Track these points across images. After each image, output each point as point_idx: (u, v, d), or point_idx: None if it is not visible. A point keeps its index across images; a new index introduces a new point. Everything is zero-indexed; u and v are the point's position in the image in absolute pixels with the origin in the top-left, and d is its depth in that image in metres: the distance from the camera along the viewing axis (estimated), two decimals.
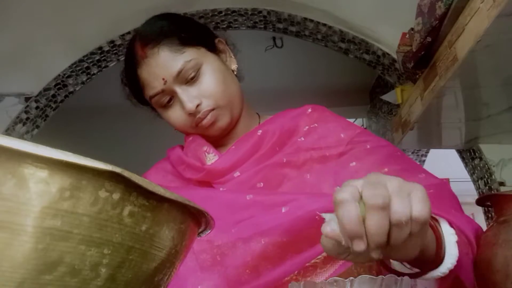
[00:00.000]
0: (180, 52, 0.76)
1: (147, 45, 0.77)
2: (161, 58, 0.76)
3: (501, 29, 0.77)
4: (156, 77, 0.76)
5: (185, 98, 0.76)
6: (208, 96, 0.76)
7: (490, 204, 0.64)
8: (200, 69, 0.77)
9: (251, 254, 0.65)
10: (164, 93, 0.77)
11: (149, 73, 0.77)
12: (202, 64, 0.77)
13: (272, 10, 1.87)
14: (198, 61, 0.77)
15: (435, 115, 1.26)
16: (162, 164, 0.87)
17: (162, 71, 0.76)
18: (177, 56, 0.76)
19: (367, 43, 1.85)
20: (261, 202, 0.70)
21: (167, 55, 0.76)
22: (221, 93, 0.77)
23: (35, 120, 1.83)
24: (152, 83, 0.77)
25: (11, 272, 0.25)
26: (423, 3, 1.07)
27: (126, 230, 0.28)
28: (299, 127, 0.81)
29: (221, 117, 0.78)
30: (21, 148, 0.24)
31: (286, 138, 0.79)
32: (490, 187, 1.52)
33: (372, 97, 3.15)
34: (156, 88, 0.77)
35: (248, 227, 0.67)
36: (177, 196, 0.31)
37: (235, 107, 0.80)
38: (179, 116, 0.78)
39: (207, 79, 0.77)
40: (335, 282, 0.47)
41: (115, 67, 1.91)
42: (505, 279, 0.53)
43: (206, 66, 0.78)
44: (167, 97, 0.78)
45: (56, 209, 0.25)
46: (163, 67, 0.76)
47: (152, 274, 0.31)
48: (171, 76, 0.75)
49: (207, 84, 0.77)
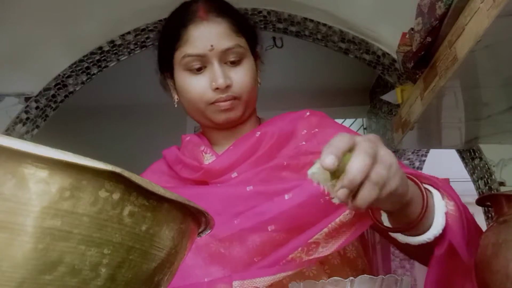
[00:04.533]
0: (236, 34, 0.79)
1: (211, 11, 0.79)
2: (219, 28, 0.77)
3: (501, 29, 0.77)
4: (206, 41, 0.77)
5: (220, 73, 0.76)
6: (239, 84, 0.78)
7: (490, 204, 0.64)
8: (242, 59, 0.79)
9: (258, 243, 0.67)
10: (202, 58, 0.77)
11: (201, 34, 0.77)
12: (245, 57, 0.80)
13: (272, 10, 1.87)
14: (245, 52, 0.80)
15: (435, 115, 1.26)
16: (158, 165, 0.87)
17: (214, 39, 0.77)
18: (233, 36, 0.78)
19: (367, 43, 1.85)
20: (262, 192, 0.71)
21: (226, 29, 0.78)
22: (248, 89, 0.79)
23: (35, 120, 1.83)
24: (198, 43, 0.77)
25: (11, 272, 0.25)
26: (423, 3, 1.07)
27: (126, 230, 0.28)
28: (297, 131, 0.81)
29: (236, 109, 0.79)
30: (21, 148, 0.24)
31: (284, 141, 0.80)
32: (490, 187, 1.52)
33: (372, 97, 3.15)
34: (199, 50, 0.77)
35: (251, 217, 0.69)
36: (177, 196, 0.31)
37: (250, 108, 0.82)
38: (202, 86, 0.78)
39: (244, 71, 0.79)
40: (335, 282, 0.47)
41: (115, 67, 1.92)
42: (505, 279, 0.53)
43: (247, 60, 0.81)
44: (199, 64, 0.78)
45: (56, 209, 0.25)
46: (217, 36, 0.77)
47: (152, 274, 0.31)
48: (220, 48, 0.77)
49: (242, 74, 0.79)
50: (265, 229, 0.67)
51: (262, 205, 0.69)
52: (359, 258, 0.76)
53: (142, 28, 1.83)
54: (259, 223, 0.68)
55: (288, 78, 3.06)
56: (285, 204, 0.68)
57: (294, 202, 0.67)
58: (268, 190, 0.71)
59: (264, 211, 0.69)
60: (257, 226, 0.68)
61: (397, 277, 0.49)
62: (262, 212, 0.69)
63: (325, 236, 0.64)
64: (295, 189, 0.69)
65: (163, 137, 2.67)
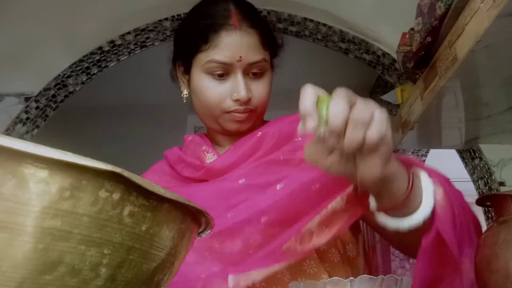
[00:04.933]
0: (264, 49, 0.81)
1: (244, 19, 0.79)
2: (250, 40, 0.78)
3: (501, 29, 0.77)
4: (236, 51, 0.77)
5: (243, 85, 0.77)
6: (258, 98, 0.80)
7: (490, 204, 0.64)
8: (264, 73, 0.81)
9: (252, 235, 0.67)
10: (227, 67, 0.78)
11: (233, 43, 0.77)
12: (267, 71, 0.82)
13: (272, 10, 1.87)
14: (267, 66, 0.82)
15: (435, 115, 1.26)
16: (159, 166, 0.87)
17: (244, 51, 0.77)
18: (261, 49, 0.80)
19: (367, 43, 1.85)
20: (254, 184, 0.72)
21: (256, 42, 0.79)
22: (264, 103, 0.82)
23: (35, 120, 1.82)
24: (228, 52, 0.77)
25: (11, 272, 0.25)
26: (423, 3, 1.07)
27: (126, 230, 0.28)
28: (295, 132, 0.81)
29: (249, 121, 0.81)
30: (21, 148, 0.24)
31: (284, 141, 0.80)
32: (490, 187, 1.52)
33: (372, 97, 3.15)
34: (227, 58, 0.77)
35: (245, 210, 0.69)
36: (177, 196, 0.31)
37: (260, 119, 0.85)
38: (222, 93, 0.78)
39: (264, 85, 0.81)
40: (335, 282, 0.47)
41: (115, 67, 1.92)
42: (505, 279, 0.53)
43: (268, 74, 0.83)
44: (222, 71, 0.78)
45: (56, 209, 0.25)
46: (247, 49, 0.78)
47: (152, 274, 0.31)
48: (248, 60, 0.78)
49: (262, 89, 0.81)
50: (258, 221, 0.67)
51: (255, 197, 0.70)
52: (359, 257, 0.76)
53: (142, 28, 1.83)
54: (251, 215, 0.68)
55: (288, 78, 3.05)
56: (277, 194, 0.68)
57: (286, 192, 0.68)
58: (260, 182, 0.72)
59: (256, 202, 0.69)
60: (250, 218, 0.68)
61: (397, 277, 0.49)
62: (255, 204, 0.69)
63: (317, 225, 0.64)
64: (286, 178, 0.69)
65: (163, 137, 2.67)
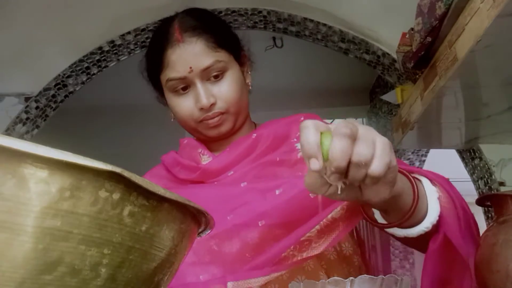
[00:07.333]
0: (214, 50, 0.79)
1: (186, 31, 0.80)
2: (196, 48, 0.78)
3: (501, 29, 0.77)
4: (184, 64, 0.78)
5: (203, 93, 0.78)
6: (224, 99, 0.79)
7: (490, 204, 0.64)
8: (224, 72, 0.80)
9: (250, 238, 0.68)
10: (184, 80, 0.79)
11: (179, 58, 0.78)
12: (228, 69, 0.81)
13: (272, 10, 1.87)
14: (226, 65, 0.80)
15: (435, 115, 1.26)
16: (156, 170, 0.89)
17: (192, 60, 0.78)
18: (210, 52, 0.79)
19: (367, 43, 1.85)
20: (255, 188, 0.73)
21: (202, 48, 0.79)
22: (235, 101, 0.80)
23: (35, 120, 1.82)
24: (178, 67, 0.79)
25: (11, 272, 0.25)
26: (423, 3, 1.07)
27: (126, 230, 0.28)
28: (291, 133, 0.83)
29: (226, 123, 0.81)
30: (21, 148, 0.24)
31: (279, 142, 0.82)
32: (490, 187, 1.52)
33: (372, 97, 3.15)
34: (179, 73, 0.78)
35: (244, 213, 0.70)
36: (177, 196, 0.31)
37: (241, 117, 0.83)
38: (189, 106, 0.80)
39: (228, 84, 0.80)
40: (335, 282, 0.47)
41: (115, 67, 1.91)
42: (505, 279, 0.53)
43: (231, 72, 0.81)
44: (182, 85, 0.80)
45: (56, 209, 0.25)
46: (195, 57, 0.78)
47: (152, 274, 0.31)
48: (199, 68, 0.78)
49: (226, 89, 0.80)
50: (256, 224, 0.68)
51: (254, 201, 0.71)
52: (355, 255, 0.77)
53: (142, 28, 1.83)
54: (250, 218, 0.69)
55: (288, 78, 3.06)
56: (275, 199, 0.69)
57: (284, 197, 0.69)
58: (261, 186, 0.73)
59: (255, 206, 0.70)
60: (248, 222, 0.69)
61: (397, 277, 0.49)
62: (254, 207, 0.70)
63: (317, 233, 0.65)
64: (285, 184, 0.71)
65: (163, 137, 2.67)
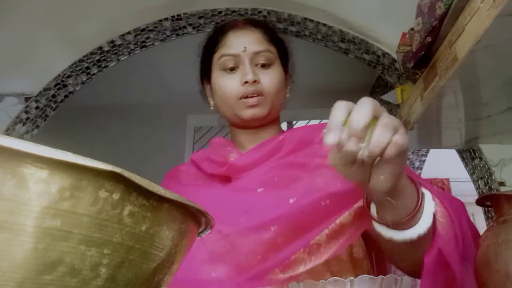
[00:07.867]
0: (268, 43, 0.91)
1: (247, 24, 0.93)
2: (253, 36, 0.90)
3: (501, 29, 0.77)
4: (240, 43, 0.89)
5: (250, 69, 0.86)
6: (266, 85, 0.87)
7: (490, 204, 0.64)
8: (271, 65, 0.90)
9: (261, 241, 0.70)
10: (235, 58, 0.88)
11: (236, 38, 0.90)
12: (275, 63, 0.90)
13: (272, 10, 1.87)
14: (274, 59, 0.90)
15: (435, 115, 1.26)
16: (184, 167, 0.96)
17: (247, 42, 0.89)
18: (265, 42, 0.90)
19: (367, 43, 1.85)
20: (271, 194, 0.76)
21: (259, 37, 0.91)
22: (274, 91, 0.88)
23: (35, 120, 1.82)
24: (233, 45, 0.89)
25: (11, 272, 0.25)
26: (423, 3, 1.07)
27: (126, 230, 0.28)
28: (314, 139, 0.86)
29: (261, 106, 0.87)
30: (21, 148, 0.24)
31: (302, 147, 0.85)
32: (490, 187, 1.52)
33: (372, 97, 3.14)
34: (233, 50, 0.88)
35: (257, 216, 0.73)
36: (177, 196, 0.31)
37: (274, 111, 0.90)
38: (234, 83, 0.87)
39: (272, 75, 0.89)
40: (335, 282, 0.47)
41: (115, 67, 1.92)
42: (505, 279, 0.53)
43: (277, 67, 0.90)
44: (232, 63, 0.88)
45: (56, 209, 0.25)
46: (251, 41, 0.89)
47: (152, 274, 0.31)
48: (251, 50, 0.88)
49: (270, 77, 0.88)
50: (268, 229, 0.71)
51: (268, 208, 0.73)
52: (365, 260, 0.78)
53: (142, 28, 1.83)
54: (263, 222, 0.71)
55: None
56: (288, 207, 0.72)
57: (297, 206, 0.71)
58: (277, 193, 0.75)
59: (268, 212, 0.72)
60: (260, 225, 0.71)
61: (397, 277, 0.49)
62: (267, 212, 0.72)
63: (326, 238, 0.67)
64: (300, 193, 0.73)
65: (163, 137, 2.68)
